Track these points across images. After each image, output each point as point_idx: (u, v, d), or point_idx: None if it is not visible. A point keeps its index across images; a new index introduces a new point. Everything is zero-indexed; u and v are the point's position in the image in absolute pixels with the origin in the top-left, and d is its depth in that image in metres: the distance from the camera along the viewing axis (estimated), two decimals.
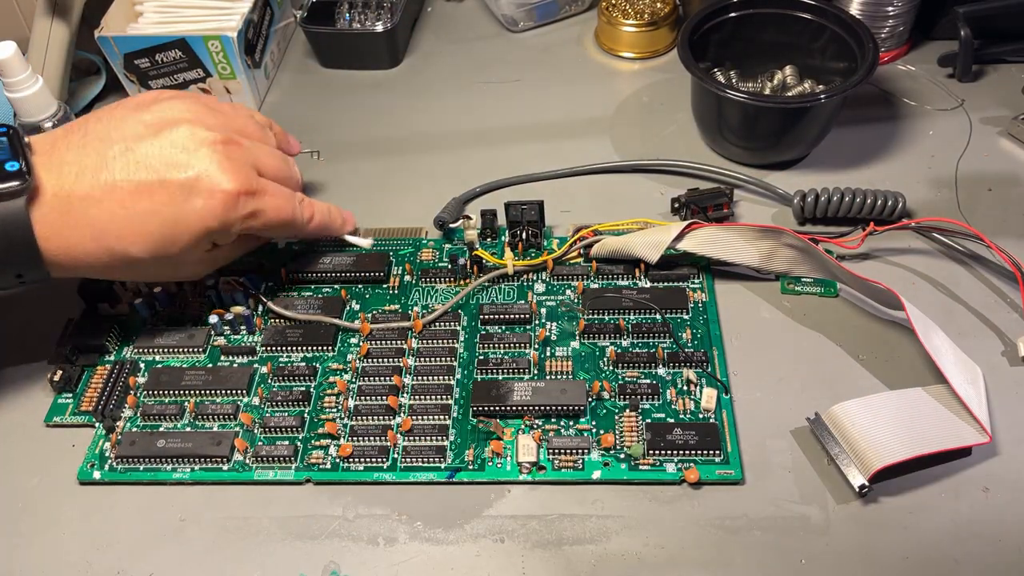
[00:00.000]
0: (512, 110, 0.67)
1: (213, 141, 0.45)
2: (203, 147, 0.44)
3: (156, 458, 0.46)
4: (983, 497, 0.43)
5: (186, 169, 0.44)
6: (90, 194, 0.43)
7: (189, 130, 0.45)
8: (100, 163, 0.43)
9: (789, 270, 0.52)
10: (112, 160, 0.43)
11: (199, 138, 0.45)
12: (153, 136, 0.44)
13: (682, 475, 0.44)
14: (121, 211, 0.43)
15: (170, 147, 0.44)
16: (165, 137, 0.44)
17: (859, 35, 0.58)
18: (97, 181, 0.43)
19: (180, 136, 0.44)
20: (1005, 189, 0.58)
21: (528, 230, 0.55)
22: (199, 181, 0.44)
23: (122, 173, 0.43)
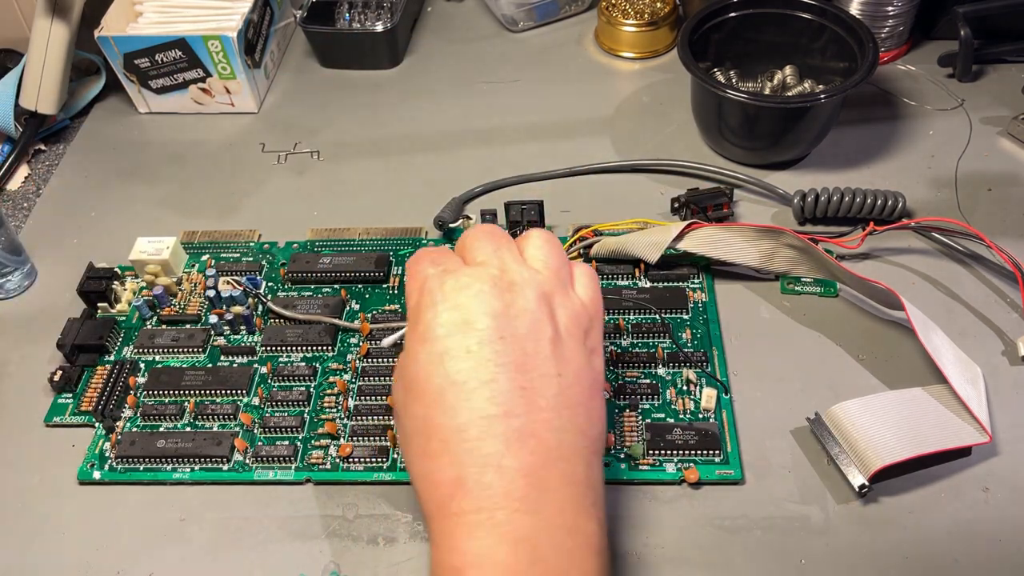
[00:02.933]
0: (512, 110, 0.67)
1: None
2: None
3: (156, 458, 0.46)
4: (983, 497, 0.43)
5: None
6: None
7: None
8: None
9: (789, 270, 0.52)
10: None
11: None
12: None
13: (682, 475, 0.44)
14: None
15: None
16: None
17: (859, 35, 0.58)
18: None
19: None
20: (1005, 189, 0.58)
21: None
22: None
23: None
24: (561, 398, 0.35)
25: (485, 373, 0.34)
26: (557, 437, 0.34)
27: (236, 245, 0.57)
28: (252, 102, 0.68)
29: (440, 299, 0.36)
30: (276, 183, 0.63)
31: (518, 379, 0.34)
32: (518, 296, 0.36)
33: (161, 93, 0.68)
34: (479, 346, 0.34)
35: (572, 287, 0.38)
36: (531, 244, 0.39)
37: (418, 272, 0.38)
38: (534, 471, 0.33)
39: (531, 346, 0.35)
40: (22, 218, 0.63)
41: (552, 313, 0.36)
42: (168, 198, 0.62)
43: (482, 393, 0.34)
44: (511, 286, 0.36)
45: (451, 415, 0.34)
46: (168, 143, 0.67)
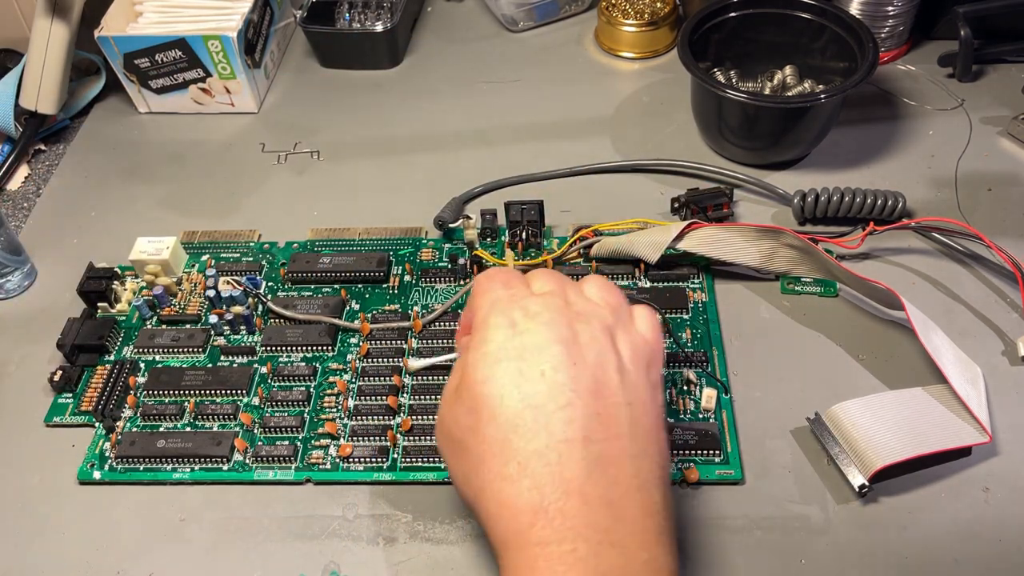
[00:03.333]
0: (512, 110, 0.67)
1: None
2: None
3: (156, 458, 0.46)
4: (983, 497, 0.43)
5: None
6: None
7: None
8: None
9: (789, 270, 0.52)
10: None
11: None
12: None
13: (682, 475, 0.44)
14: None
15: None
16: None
17: (859, 35, 0.58)
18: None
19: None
20: (1005, 189, 0.58)
21: (528, 230, 0.55)
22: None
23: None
24: (634, 426, 0.34)
25: (562, 397, 0.33)
26: (634, 465, 0.34)
27: (236, 245, 0.57)
28: (252, 102, 0.68)
29: (512, 321, 0.36)
30: (276, 183, 0.63)
31: (593, 405, 0.34)
32: (584, 327, 0.36)
33: (161, 93, 0.68)
34: (553, 371, 0.34)
35: (633, 324, 0.38)
36: (591, 284, 0.39)
37: (489, 289, 0.38)
38: (616, 500, 0.32)
39: (601, 374, 0.35)
40: (22, 218, 0.63)
41: (615, 345, 0.36)
42: (168, 198, 0.62)
43: (560, 416, 0.33)
44: (577, 316, 0.36)
45: (529, 438, 0.33)
46: (168, 143, 0.67)
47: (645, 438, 0.35)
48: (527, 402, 0.33)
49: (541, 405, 0.33)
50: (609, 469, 0.33)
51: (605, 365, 0.35)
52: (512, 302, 0.37)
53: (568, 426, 0.33)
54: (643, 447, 0.34)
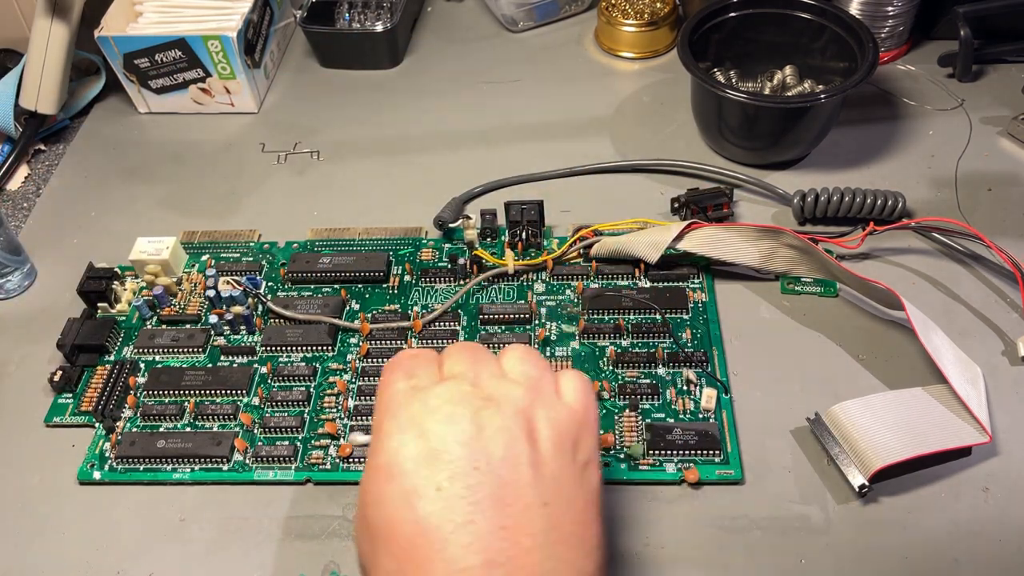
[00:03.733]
0: (512, 110, 0.67)
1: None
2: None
3: (156, 458, 0.46)
4: (983, 497, 0.43)
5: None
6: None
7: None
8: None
9: (789, 270, 0.52)
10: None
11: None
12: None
13: (682, 475, 0.44)
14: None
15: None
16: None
17: (859, 35, 0.58)
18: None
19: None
20: (1005, 189, 0.58)
21: (528, 230, 0.55)
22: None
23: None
24: (551, 533, 0.30)
25: (459, 514, 0.30)
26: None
27: (236, 245, 0.57)
28: (252, 102, 0.68)
29: (406, 425, 0.32)
30: (276, 183, 0.63)
31: (497, 518, 0.30)
32: (494, 415, 0.32)
33: (161, 93, 0.68)
34: (450, 481, 0.30)
35: (558, 394, 0.34)
36: (509, 357, 0.35)
37: (389, 383, 0.35)
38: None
39: (509, 473, 0.31)
40: (22, 218, 0.63)
41: (532, 430, 0.32)
42: (168, 198, 0.62)
43: (458, 539, 0.29)
44: (486, 403, 0.32)
45: (425, 569, 0.29)
46: (168, 143, 0.67)
47: (565, 543, 0.31)
48: (421, 525, 0.30)
49: (437, 527, 0.30)
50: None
51: (515, 460, 0.31)
52: (411, 398, 0.33)
53: (467, 551, 0.29)
54: (561, 554, 0.30)
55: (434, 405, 0.32)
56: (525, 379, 0.34)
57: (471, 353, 0.35)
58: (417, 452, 0.31)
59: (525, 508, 0.30)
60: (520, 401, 0.33)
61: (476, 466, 0.31)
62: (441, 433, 0.31)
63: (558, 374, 0.36)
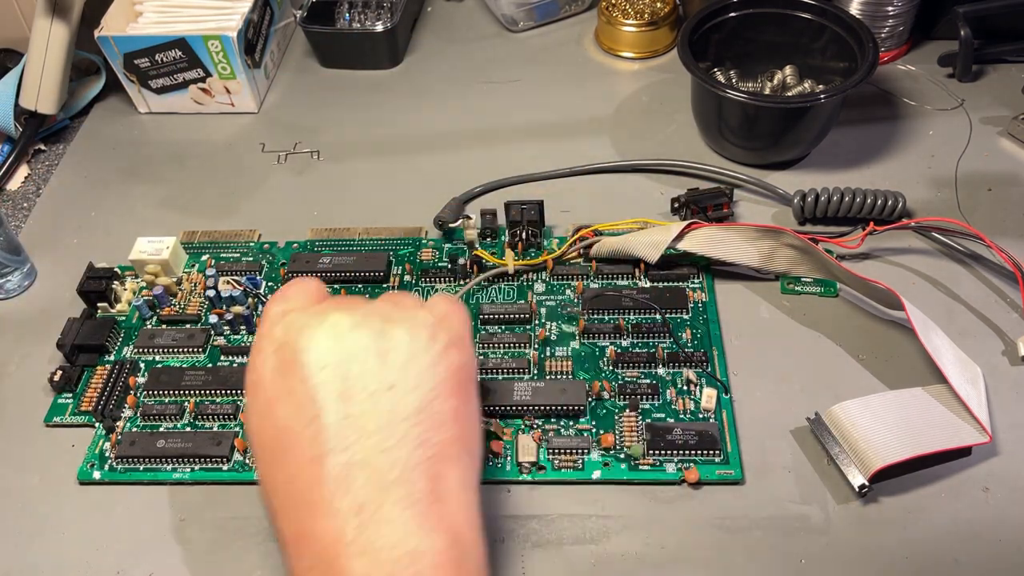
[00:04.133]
0: (512, 110, 0.67)
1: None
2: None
3: (156, 458, 0.46)
4: (983, 497, 0.43)
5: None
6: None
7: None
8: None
9: (789, 270, 0.52)
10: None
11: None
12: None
13: (682, 475, 0.44)
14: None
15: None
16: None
17: (859, 35, 0.58)
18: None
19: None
20: (1005, 189, 0.58)
21: (528, 230, 0.55)
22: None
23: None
24: (394, 413, 0.33)
25: (309, 411, 0.33)
26: (390, 458, 0.32)
27: (236, 245, 0.57)
28: (252, 102, 0.68)
29: (268, 342, 0.35)
30: (276, 183, 0.63)
31: (342, 408, 0.32)
32: (344, 317, 0.34)
33: (161, 93, 0.68)
34: (301, 383, 0.33)
35: (420, 306, 0.37)
36: (387, 293, 0.38)
37: (266, 308, 0.37)
38: (367, 505, 0.31)
39: (356, 367, 0.33)
40: (22, 218, 0.63)
41: (383, 329, 0.34)
42: (168, 198, 0.62)
43: (306, 435, 0.32)
44: (339, 308, 0.35)
45: (281, 466, 0.33)
46: (168, 143, 0.67)
47: (411, 419, 0.33)
48: (278, 427, 0.33)
49: (290, 428, 0.33)
50: (359, 475, 0.32)
51: (362, 353, 0.34)
52: (279, 319, 0.36)
53: (313, 443, 0.32)
54: (406, 431, 0.33)
55: (301, 322, 0.35)
56: (388, 299, 0.37)
57: (348, 297, 0.38)
58: (275, 364, 0.34)
59: (370, 395, 0.33)
60: (377, 309, 0.36)
61: (323, 366, 0.33)
62: (295, 343, 0.34)
63: (436, 299, 0.38)
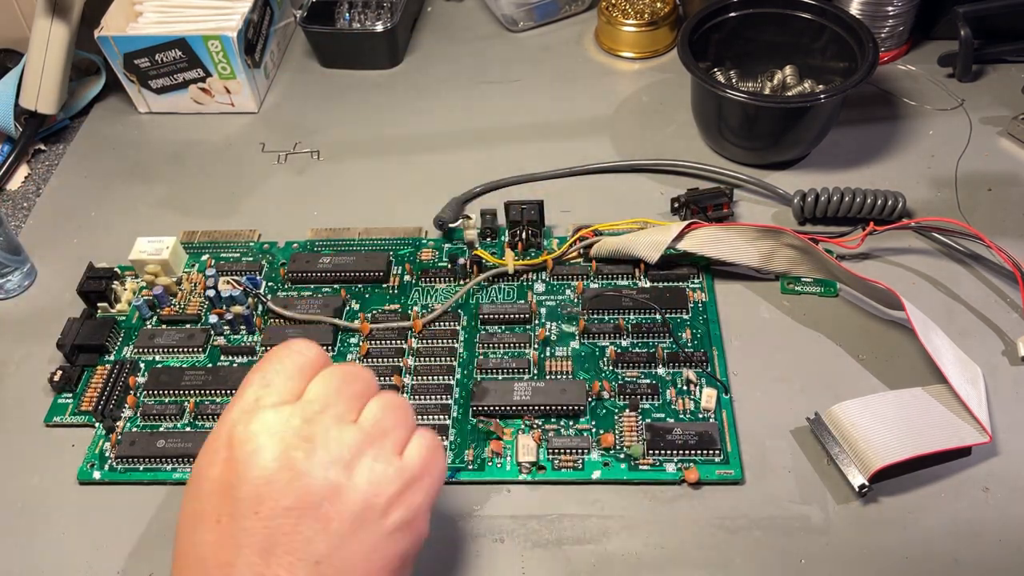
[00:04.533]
0: (512, 110, 0.67)
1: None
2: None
3: (156, 458, 0.46)
4: (983, 497, 0.43)
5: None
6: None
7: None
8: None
9: (789, 270, 0.52)
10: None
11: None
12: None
13: (682, 475, 0.44)
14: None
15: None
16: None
17: (859, 35, 0.58)
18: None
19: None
20: (1005, 189, 0.58)
21: (528, 230, 0.55)
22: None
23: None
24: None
25: (224, 554, 0.30)
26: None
27: (236, 245, 0.57)
28: (252, 102, 0.68)
29: (223, 444, 0.31)
30: (276, 183, 0.63)
31: (258, 566, 0.29)
32: (303, 459, 0.30)
33: (161, 93, 0.68)
34: (229, 519, 0.30)
35: (397, 451, 0.33)
36: (375, 401, 0.34)
37: (246, 383, 0.33)
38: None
39: (290, 523, 0.30)
40: (22, 218, 0.63)
41: (340, 484, 0.31)
42: (168, 198, 0.62)
43: (216, 558, 0.30)
44: (302, 443, 0.31)
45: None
46: (168, 143, 0.67)
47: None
48: (196, 551, 0.31)
49: (204, 558, 0.30)
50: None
51: (301, 512, 0.30)
52: (246, 413, 0.32)
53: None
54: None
55: (253, 430, 0.31)
56: (371, 426, 0.33)
57: (341, 381, 0.33)
58: (217, 476, 0.31)
59: (291, 563, 0.29)
60: (345, 449, 0.31)
61: (257, 511, 0.30)
62: (241, 465, 0.30)
63: (415, 432, 0.34)
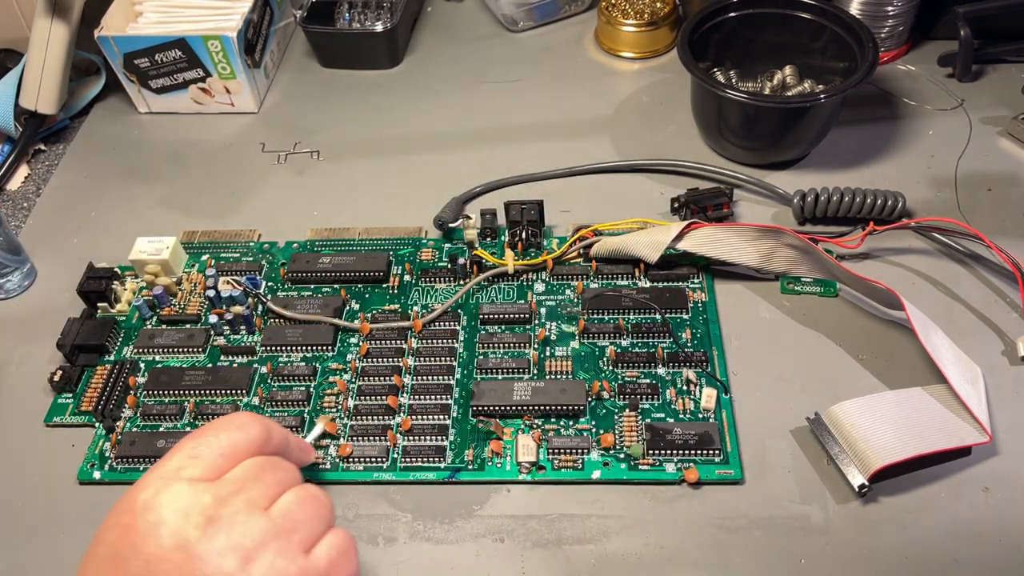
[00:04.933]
0: (512, 110, 0.67)
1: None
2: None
3: (156, 458, 0.46)
4: (983, 497, 0.43)
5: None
6: None
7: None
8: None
9: (789, 270, 0.52)
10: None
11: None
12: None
13: (682, 475, 0.44)
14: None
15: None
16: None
17: (859, 35, 0.58)
18: None
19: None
20: (1005, 189, 0.58)
21: (528, 230, 0.55)
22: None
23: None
24: None
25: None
26: None
27: (236, 245, 0.57)
28: (252, 102, 0.68)
29: (128, 509, 0.31)
30: (276, 183, 0.63)
31: None
32: (204, 539, 0.29)
33: (161, 93, 0.68)
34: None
35: (305, 548, 0.32)
36: (292, 492, 0.33)
37: (177, 448, 0.33)
38: None
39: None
40: (22, 218, 0.63)
41: (233, 573, 0.29)
42: (168, 198, 0.62)
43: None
44: (210, 523, 0.30)
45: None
46: (168, 143, 0.67)
47: None
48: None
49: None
50: None
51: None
52: (162, 480, 0.31)
53: None
54: None
55: (160, 500, 0.30)
56: (280, 516, 0.32)
57: (264, 466, 0.33)
58: (113, 542, 0.30)
59: None
60: (248, 539, 0.30)
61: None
62: (139, 537, 0.30)
63: (330, 531, 0.33)
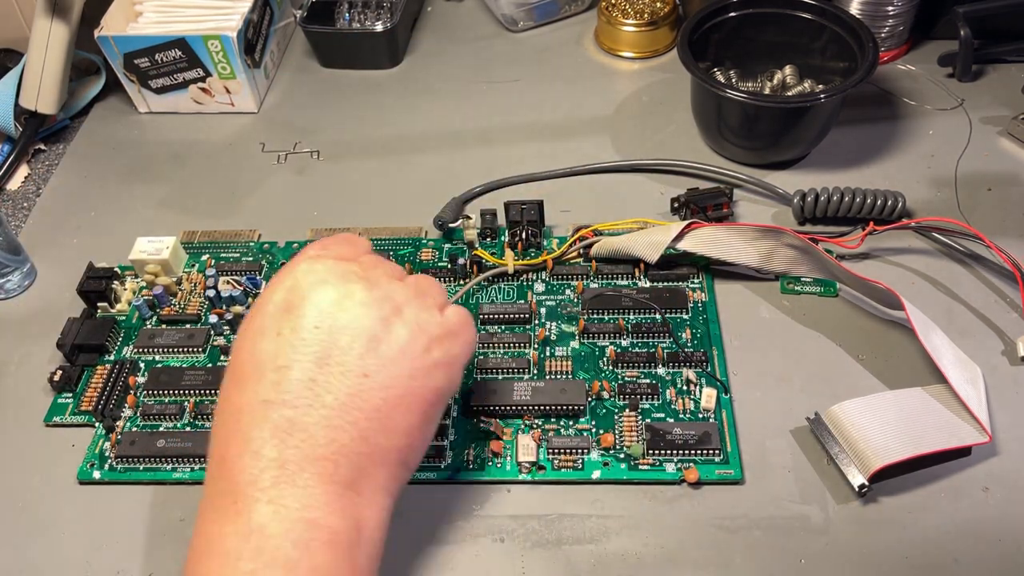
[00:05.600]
0: (512, 110, 0.67)
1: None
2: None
3: (156, 458, 0.46)
4: (983, 497, 0.43)
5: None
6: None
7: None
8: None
9: (789, 270, 0.52)
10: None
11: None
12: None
13: (682, 475, 0.44)
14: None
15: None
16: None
17: (859, 35, 0.58)
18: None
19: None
20: (1005, 189, 0.58)
21: (528, 230, 0.55)
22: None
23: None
24: (355, 399, 0.34)
25: (283, 358, 0.34)
26: (330, 435, 0.33)
27: (236, 245, 0.57)
28: (252, 102, 0.68)
29: (286, 279, 0.36)
30: (276, 183, 0.63)
31: (312, 370, 0.34)
32: (360, 289, 0.35)
33: (161, 93, 0.68)
34: (291, 331, 0.34)
35: (439, 309, 0.38)
36: (416, 275, 0.39)
37: (303, 250, 0.38)
38: (290, 464, 0.33)
39: (346, 340, 0.34)
40: (22, 218, 0.63)
41: (390, 316, 0.35)
42: (168, 198, 0.62)
43: (271, 378, 0.34)
44: (360, 279, 0.36)
45: (239, 393, 0.34)
46: (168, 143, 0.67)
47: (364, 412, 0.34)
48: (253, 358, 0.34)
49: (262, 363, 0.34)
50: (297, 434, 0.33)
51: (357, 331, 0.34)
52: (307, 260, 0.36)
53: (273, 388, 0.34)
54: (354, 421, 0.34)
55: (317, 269, 0.36)
56: (414, 286, 0.37)
57: (385, 261, 0.39)
58: (281, 300, 0.35)
59: (342, 372, 0.34)
60: (397, 294, 0.36)
61: (317, 325, 0.34)
62: (305, 290, 0.35)
63: (450, 305, 0.39)
